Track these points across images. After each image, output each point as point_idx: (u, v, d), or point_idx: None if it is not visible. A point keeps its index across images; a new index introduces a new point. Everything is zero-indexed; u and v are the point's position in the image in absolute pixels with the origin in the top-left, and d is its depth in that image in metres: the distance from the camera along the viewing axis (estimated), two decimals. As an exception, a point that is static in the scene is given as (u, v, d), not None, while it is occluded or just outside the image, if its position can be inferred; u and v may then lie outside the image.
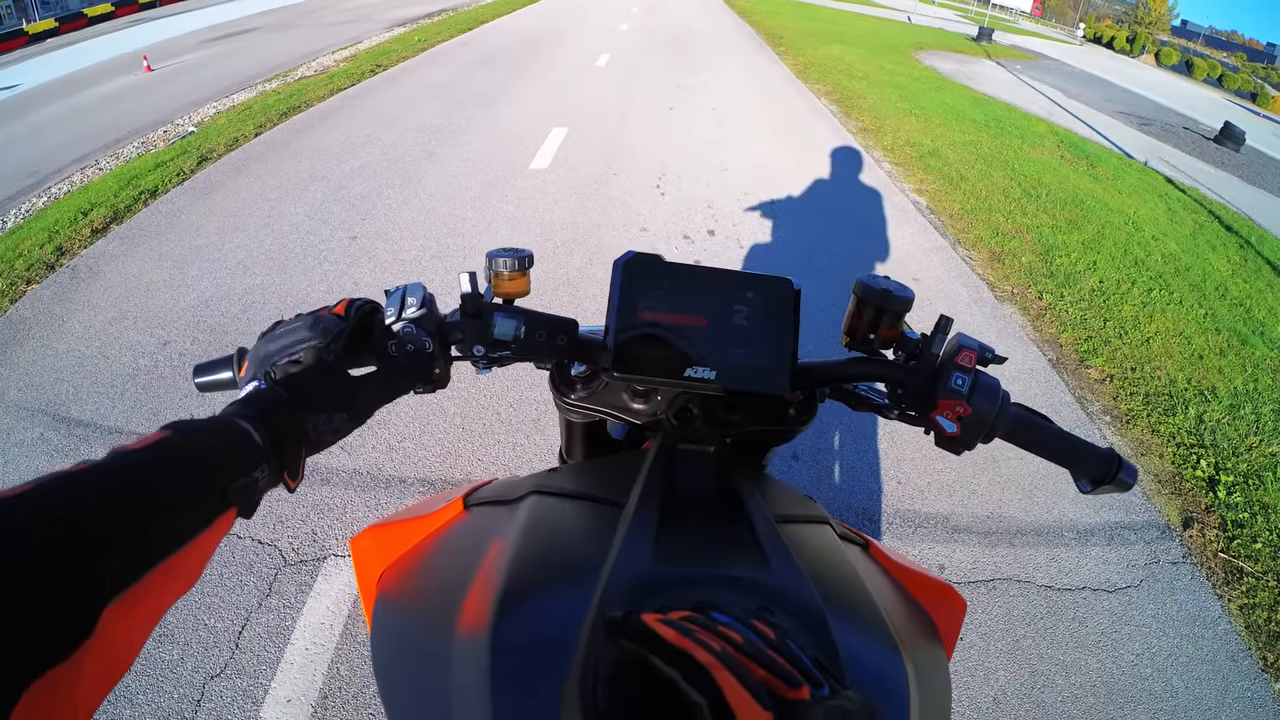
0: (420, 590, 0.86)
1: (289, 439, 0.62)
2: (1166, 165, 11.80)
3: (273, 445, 0.59)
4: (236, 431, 0.57)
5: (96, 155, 7.70)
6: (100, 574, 0.42)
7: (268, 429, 0.59)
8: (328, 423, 0.67)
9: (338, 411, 0.68)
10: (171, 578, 0.48)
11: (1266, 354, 5.41)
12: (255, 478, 0.56)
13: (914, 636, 0.82)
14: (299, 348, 0.69)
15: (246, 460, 0.56)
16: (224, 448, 0.55)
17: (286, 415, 0.63)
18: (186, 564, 0.49)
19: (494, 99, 9.66)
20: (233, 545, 2.77)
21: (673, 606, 0.56)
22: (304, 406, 0.65)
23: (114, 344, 3.93)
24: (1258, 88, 39.00)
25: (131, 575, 0.44)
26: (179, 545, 0.48)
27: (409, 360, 0.77)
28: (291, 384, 0.66)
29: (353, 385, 0.71)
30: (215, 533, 0.52)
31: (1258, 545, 3.45)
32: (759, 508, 0.76)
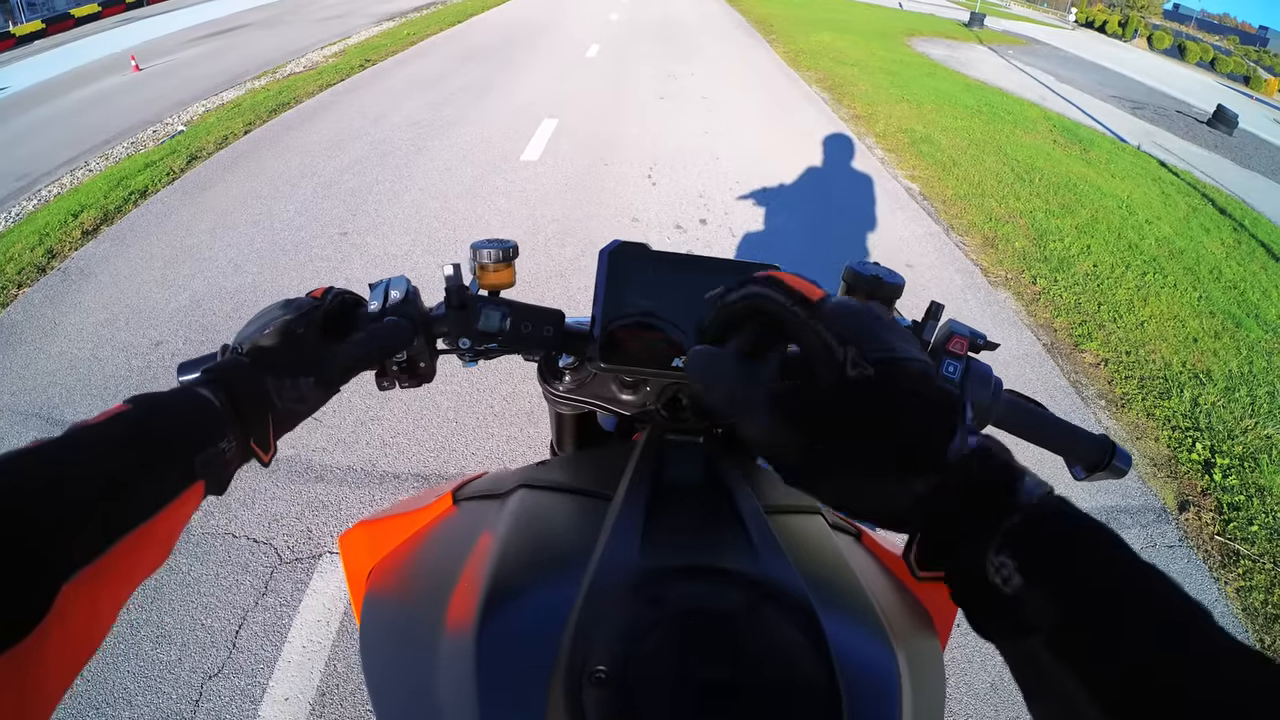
0: (409, 587, 0.86)
1: (251, 405, 0.60)
2: (1160, 149, 11.80)
3: (235, 412, 0.58)
4: (196, 400, 0.55)
5: (86, 156, 7.68)
6: (55, 550, 0.41)
7: (229, 395, 0.58)
8: (293, 388, 0.65)
9: (304, 375, 0.66)
10: (137, 553, 0.47)
11: (1261, 336, 5.41)
12: (221, 448, 0.55)
13: (906, 627, 0.81)
14: (270, 324, 0.67)
15: (210, 430, 0.54)
16: (185, 418, 0.54)
17: (247, 380, 0.61)
18: (153, 539, 0.48)
19: (484, 91, 9.63)
20: (228, 544, 2.76)
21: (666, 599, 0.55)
22: (267, 371, 0.63)
23: (106, 345, 3.91)
24: (1250, 71, 39.02)
25: (92, 551, 0.43)
26: (142, 519, 0.46)
27: (389, 330, 0.74)
28: (254, 352, 0.65)
29: (319, 348, 0.69)
30: (182, 507, 0.51)
31: (1254, 528, 3.45)
32: (748, 498, 0.75)
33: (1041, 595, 0.36)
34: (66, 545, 0.42)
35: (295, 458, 3.17)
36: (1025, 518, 0.39)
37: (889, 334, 0.44)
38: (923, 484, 0.41)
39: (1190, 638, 0.34)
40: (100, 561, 0.43)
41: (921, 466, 0.41)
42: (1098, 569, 0.36)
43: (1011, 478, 0.41)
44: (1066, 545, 0.38)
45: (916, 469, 0.41)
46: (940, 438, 0.41)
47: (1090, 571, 0.36)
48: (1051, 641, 0.36)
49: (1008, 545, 0.38)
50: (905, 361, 0.43)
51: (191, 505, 0.52)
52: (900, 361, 0.42)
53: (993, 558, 0.38)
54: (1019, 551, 0.38)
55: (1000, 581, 0.38)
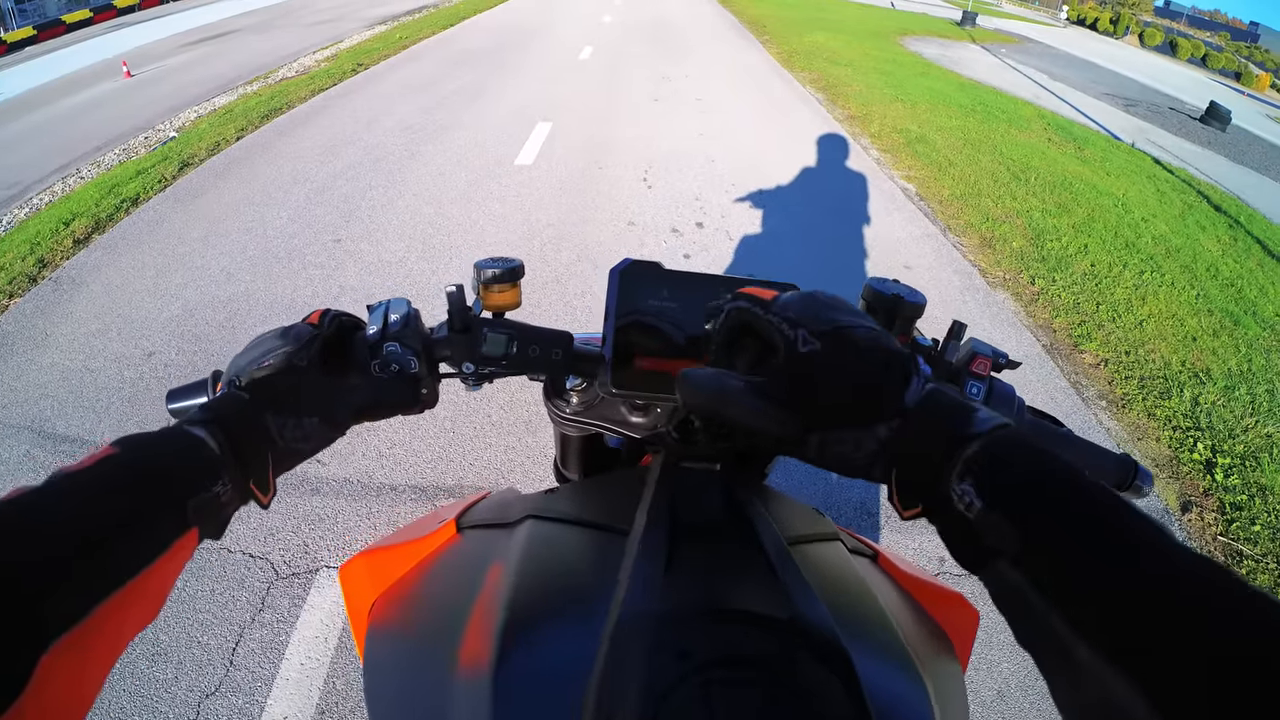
0: (415, 621, 0.83)
1: (250, 445, 0.56)
2: (1154, 146, 11.81)
3: (232, 453, 0.54)
4: (190, 441, 0.51)
5: (78, 163, 7.64)
6: (34, 618, 0.37)
7: (225, 435, 0.54)
8: (297, 427, 0.62)
9: (308, 415, 0.63)
10: (125, 611, 0.43)
11: (1259, 334, 5.41)
12: (216, 492, 0.51)
13: (930, 654, 0.80)
14: (269, 356, 0.63)
15: (204, 473, 0.50)
16: (177, 460, 0.50)
17: (246, 418, 0.57)
18: (143, 594, 0.44)
19: (477, 95, 9.60)
20: (224, 560, 2.73)
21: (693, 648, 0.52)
22: (268, 409, 0.60)
23: (98, 356, 3.88)
24: (1241, 67, 39.15)
25: (75, 614, 0.39)
26: (131, 575, 0.43)
27: (394, 382, 0.72)
28: (254, 387, 0.61)
29: (327, 388, 0.66)
30: (175, 557, 0.47)
31: (1256, 528, 3.44)
32: (770, 530, 0.72)
33: (1000, 517, 0.40)
34: (47, 610, 0.38)
35: (290, 471, 3.13)
36: (981, 446, 0.43)
37: (834, 312, 0.52)
38: (886, 429, 0.48)
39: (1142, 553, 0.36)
40: (83, 625, 0.39)
41: (882, 413, 0.48)
42: (1051, 491, 0.40)
43: (965, 412, 0.46)
44: (1019, 468, 0.42)
45: (878, 415, 0.48)
46: (894, 387, 0.49)
47: (1044, 493, 0.40)
48: (1018, 562, 0.39)
49: (968, 473, 0.43)
50: (850, 329, 0.51)
51: (185, 554, 0.48)
52: (844, 329, 0.51)
53: (955, 486, 0.43)
54: (977, 477, 0.43)
55: (964, 508, 0.43)
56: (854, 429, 0.49)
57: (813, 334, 0.50)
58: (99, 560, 0.41)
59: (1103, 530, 0.37)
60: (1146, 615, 0.34)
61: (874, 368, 0.49)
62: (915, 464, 0.47)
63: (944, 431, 0.46)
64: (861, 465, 0.50)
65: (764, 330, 0.54)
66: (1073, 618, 0.36)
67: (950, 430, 0.45)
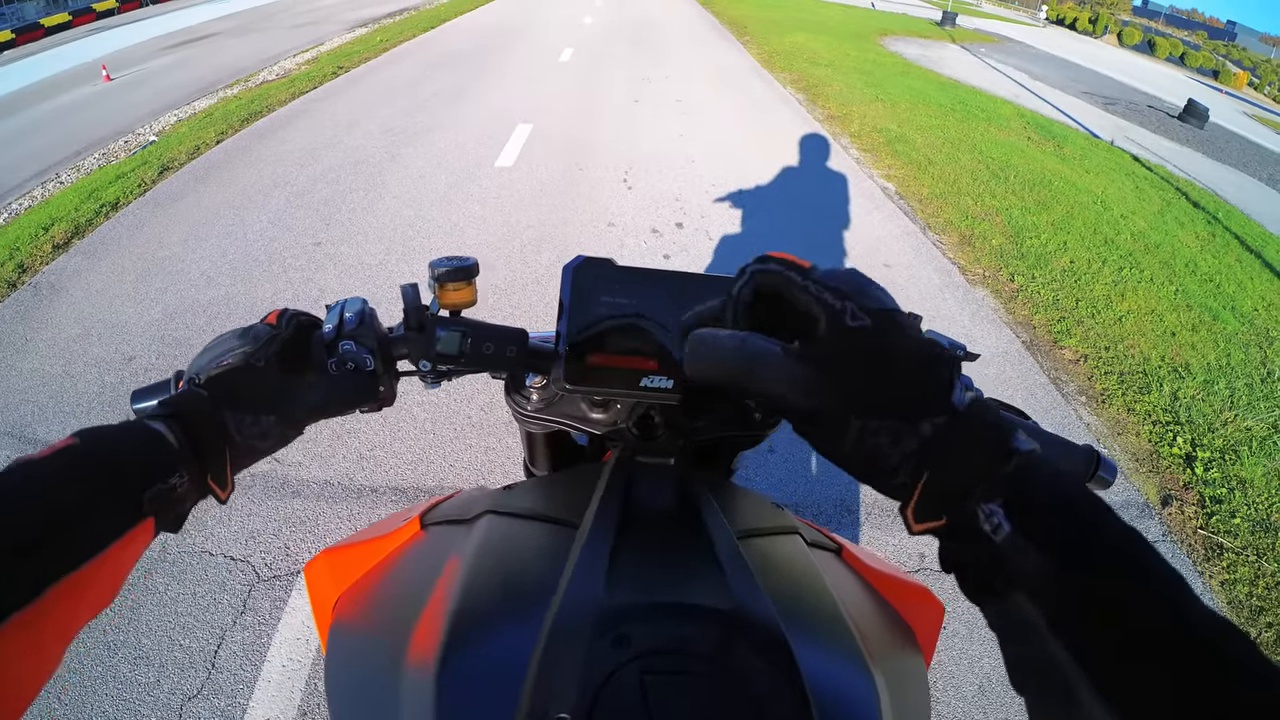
0: (374, 617, 0.83)
1: (208, 440, 0.57)
2: (1132, 144, 11.90)
3: (189, 446, 0.55)
4: (148, 434, 0.53)
5: (57, 168, 7.59)
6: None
7: (183, 430, 0.55)
8: (254, 425, 0.63)
9: (265, 413, 0.64)
10: (80, 593, 0.44)
11: (1237, 328, 5.46)
12: (173, 484, 0.52)
13: (887, 647, 0.80)
14: (228, 355, 0.64)
15: (161, 465, 0.52)
16: (134, 452, 0.51)
17: (204, 415, 0.58)
18: (97, 579, 0.45)
19: (457, 98, 9.59)
20: (205, 562, 2.72)
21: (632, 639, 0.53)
22: (226, 405, 0.61)
23: (79, 361, 3.85)
24: (1219, 65, 39.52)
25: (27, 594, 0.40)
26: (85, 559, 0.44)
27: (350, 379, 0.73)
28: (213, 384, 0.62)
29: (285, 388, 0.67)
30: (131, 544, 0.48)
31: (1236, 520, 3.47)
32: (720, 525, 0.73)
33: (1028, 545, 0.38)
34: (4, 587, 0.39)
35: (271, 473, 3.13)
36: (1017, 467, 0.41)
37: (878, 291, 0.47)
38: (930, 426, 0.44)
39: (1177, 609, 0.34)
40: (35, 605, 0.41)
41: (931, 408, 0.44)
42: (1084, 528, 0.38)
43: (1008, 427, 0.43)
44: (1053, 499, 0.39)
45: (926, 410, 0.44)
46: (943, 382, 0.45)
47: (1077, 529, 0.38)
48: (1037, 597, 0.37)
49: (999, 492, 0.40)
50: (898, 313, 0.46)
51: (140, 544, 0.50)
52: (894, 313, 0.46)
53: (984, 505, 0.40)
54: (1010, 500, 0.40)
55: (990, 529, 0.40)
56: (897, 420, 0.44)
57: (862, 309, 0.45)
58: (53, 544, 0.42)
59: (1133, 578, 0.36)
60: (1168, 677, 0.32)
61: (925, 358, 0.45)
62: (950, 472, 0.43)
63: (987, 442, 0.42)
64: (892, 465, 0.45)
65: (799, 300, 0.48)
66: (1087, 664, 0.34)
67: (993, 442, 0.42)
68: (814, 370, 0.45)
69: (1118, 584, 0.35)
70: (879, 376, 0.45)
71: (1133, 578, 0.35)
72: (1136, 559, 0.36)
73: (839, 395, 0.45)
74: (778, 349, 0.47)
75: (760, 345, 0.47)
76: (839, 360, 0.45)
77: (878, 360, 0.45)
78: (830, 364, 0.45)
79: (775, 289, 0.50)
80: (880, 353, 0.45)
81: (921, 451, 0.44)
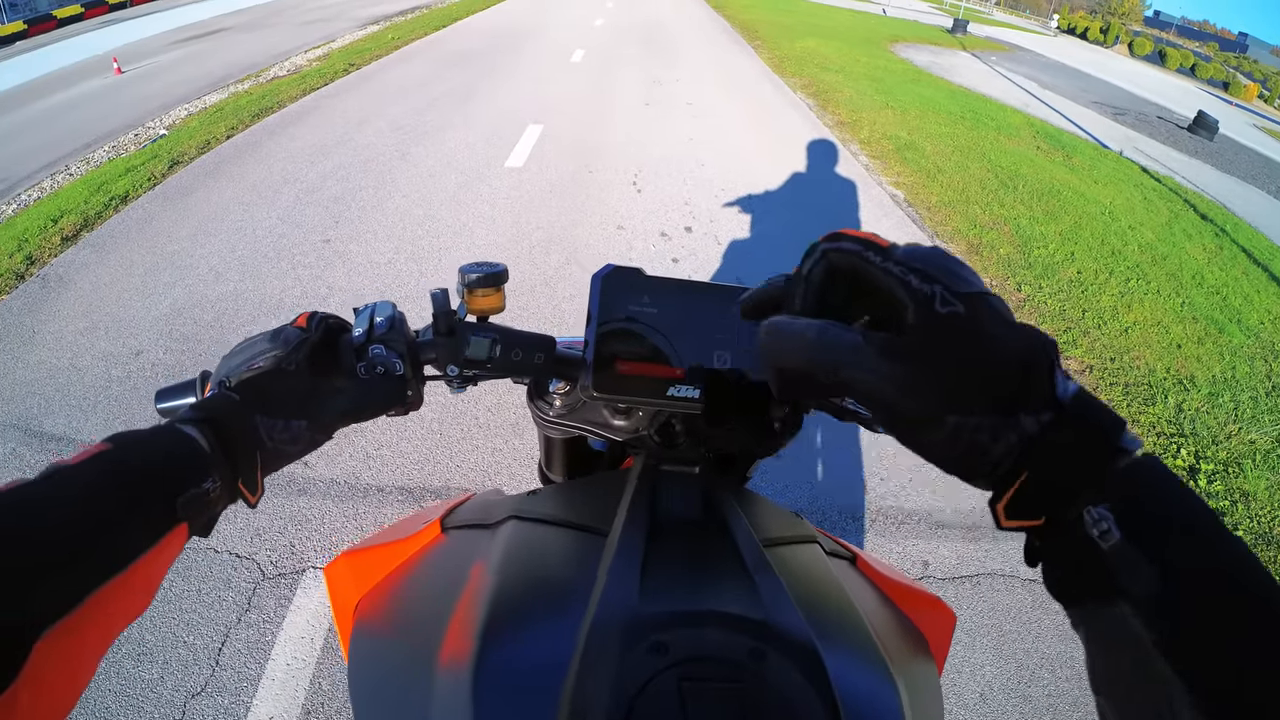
0: (399, 619, 0.84)
1: (240, 445, 0.58)
2: (1141, 155, 11.89)
3: (222, 452, 0.55)
4: (181, 439, 0.53)
5: (67, 160, 7.60)
6: (27, 605, 0.39)
7: (216, 434, 0.55)
8: (285, 430, 0.63)
9: (296, 418, 0.64)
10: (117, 601, 0.45)
11: (1243, 341, 5.45)
12: (205, 489, 0.52)
13: (905, 655, 0.81)
14: (259, 359, 0.65)
15: (194, 470, 0.52)
16: (168, 457, 0.51)
17: (237, 419, 0.58)
18: (133, 586, 0.46)
19: (468, 97, 9.60)
20: (210, 560, 2.73)
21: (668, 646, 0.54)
22: (258, 410, 0.61)
23: (86, 354, 3.87)
24: (1230, 77, 39.45)
25: (67, 602, 0.41)
26: (122, 566, 0.44)
27: (380, 384, 0.73)
28: (245, 388, 0.62)
29: (316, 392, 0.67)
30: (164, 551, 0.49)
31: (1239, 533, 3.45)
32: (745, 533, 0.74)
33: (1139, 556, 0.35)
34: (41, 598, 0.40)
35: (278, 471, 3.13)
36: (1129, 468, 0.38)
37: (968, 272, 0.43)
38: (1034, 422, 0.40)
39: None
40: (77, 613, 0.41)
41: (1035, 402, 0.40)
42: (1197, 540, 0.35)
43: (1118, 424, 0.40)
44: (1166, 505, 0.37)
45: (1030, 404, 0.40)
46: (1044, 373, 0.40)
47: (1190, 541, 0.35)
48: (1143, 610, 0.35)
49: (1110, 496, 0.37)
50: (991, 297, 0.42)
51: (174, 549, 0.50)
52: (987, 295, 0.41)
53: (1091, 509, 0.37)
54: (1120, 504, 0.37)
55: (1097, 535, 0.37)
56: (998, 416, 0.40)
57: (952, 293, 0.41)
58: (91, 551, 0.43)
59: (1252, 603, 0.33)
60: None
61: (1025, 346, 0.41)
62: (1057, 469, 0.39)
63: (1096, 440, 0.39)
64: (990, 461, 0.41)
65: (880, 282, 0.44)
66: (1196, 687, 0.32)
67: (1102, 440, 0.39)
68: (904, 364, 0.41)
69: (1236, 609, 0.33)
70: (976, 368, 0.40)
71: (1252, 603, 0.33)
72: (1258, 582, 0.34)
73: (933, 390, 0.41)
74: (860, 340, 0.42)
75: (843, 336, 0.43)
76: (931, 351, 0.41)
77: (974, 350, 0.40)
78: (922, 356, 0.41)
79: (852, 269, 0.45)
80: (976, 342, 0.40)
81: (1023, 448, 0.40)
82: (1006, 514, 0.41)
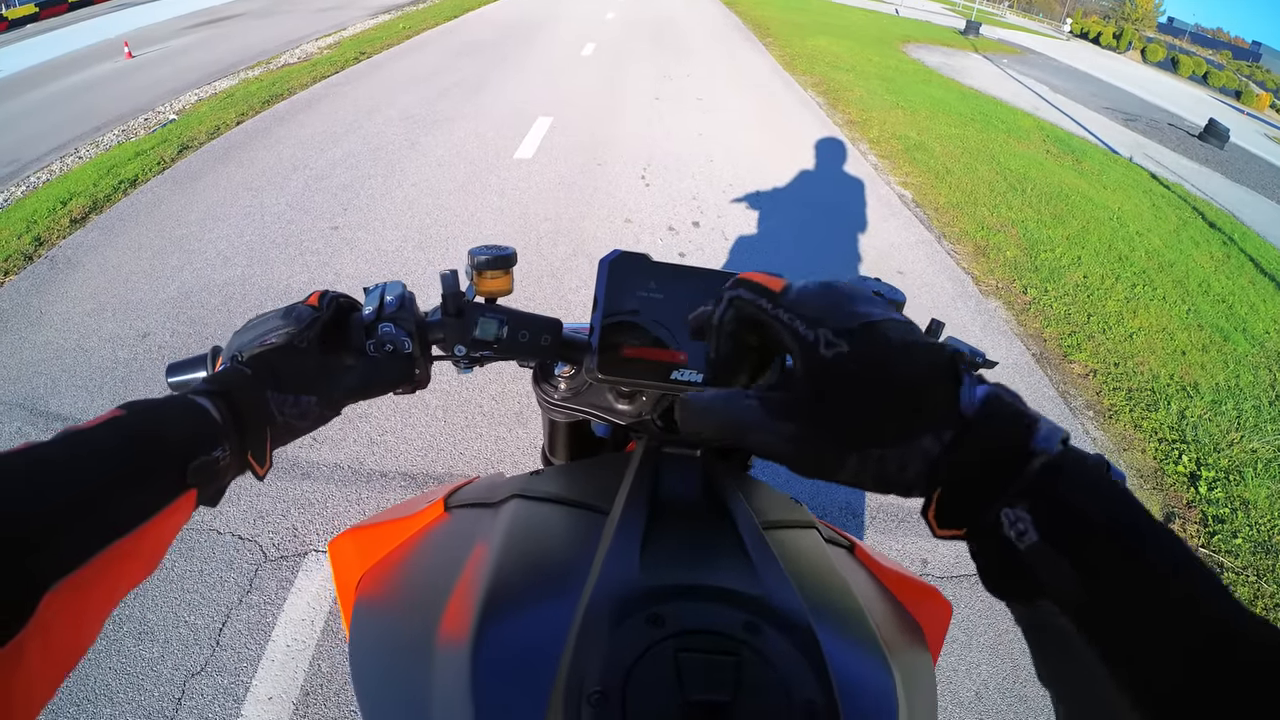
0: (401, 595, 0.85)
1: (251, 417, 0.59)
2: (1151, 161, 11.86)
3: (234, 424, 0.57)
4: (194, 409, 0.55)
5: (76, 143, 7.62)
6: (39, 557, 0.40)
7: (227, 405, 0.57)
8: (295, 405, 0.64)
9: (306, 394, 0.65)
10: (125, 561, 0.46)
11: (1248, 350, 5.44)
12: (215, 457, 0.53)
13: (901, 642, 0.82)
14: (271, 335, 0.66)
15: (205, 439, 0.53)
16: (179, 425, 0.52)
17: (248, 392, 0.60)
18: (142, 547, 0.47)
19: (478, 87, 9.60)
20: (213, 541, 2.74)
21: (664, 619, 0.55)
22: (269, 385, 0.62)
23: (93, 336, 3.88)
24: (1242, 85, 39.36)
25: (77, 558, 0.42)
26: (131, 527, 0.45)
27: (389, 361, 0.75)
28: (256, 363, 0.63)
29: (326, 369, 0.69)
30: (173, 515, 0.50)
31: (1238, 541, 3.47)
32: (745, 514, 0.75)
33: (1057, 554, 0.35)
34: (51, 552, 0.40)
35: (281, 454, 3.15)
36: (1041, 470, 0.37)
37: (858, 304, 0.44)
38: (936, 442, 0.40)
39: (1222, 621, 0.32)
40: (85, 569, 0.42)
41: (934, 422, 0.40)
42: (1118, 534, 0.35)
43: (1028, 423, 0.39)
44: (1086, 502, 0.36)
45: (928, 425, 0.40)
46: (946, 389, 0.41)
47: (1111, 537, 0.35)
48: (1067, 608, 0.35)
49: (1025, 496, 0.37)
50: (881, 324, 0.43)
51: (183, 515, 0.51)
52: (875, 325, 0.42)
53: (1009, 511, 0.37)
54: (1035, 506, 0.37)
55: (1015, 536, 0.37)
56: (898, 444, 0.41)
57: (837, 333, 0.42)
58: (100, 511, 0.44)
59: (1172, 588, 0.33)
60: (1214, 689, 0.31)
61: (917, 370, 0.41)
62: (966, 482, 0.40)
63: (1004, 444, 0.39)
64: (904, 485, 0.42)
65: (773, 330, 0.46)
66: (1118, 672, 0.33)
67: (1011, 443, 0.39)
68: (795, 419, 0.43)
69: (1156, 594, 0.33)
70: (868, 404, 0.41)
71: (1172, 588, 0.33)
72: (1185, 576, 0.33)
73: (827, 440, 0.42)
74: (757, 404, 0.44)
75: (742, 403, 0.45)
76: (820, 401, 0.42)
77: (863, 386, 0.41)
78: (810, 410, 0.42)
79: (752, 318, 0.48)
80: (864, 378, 0.41)
81: (930, 468, 0.41)
82: (937, 524, 0.41)
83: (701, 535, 0.74)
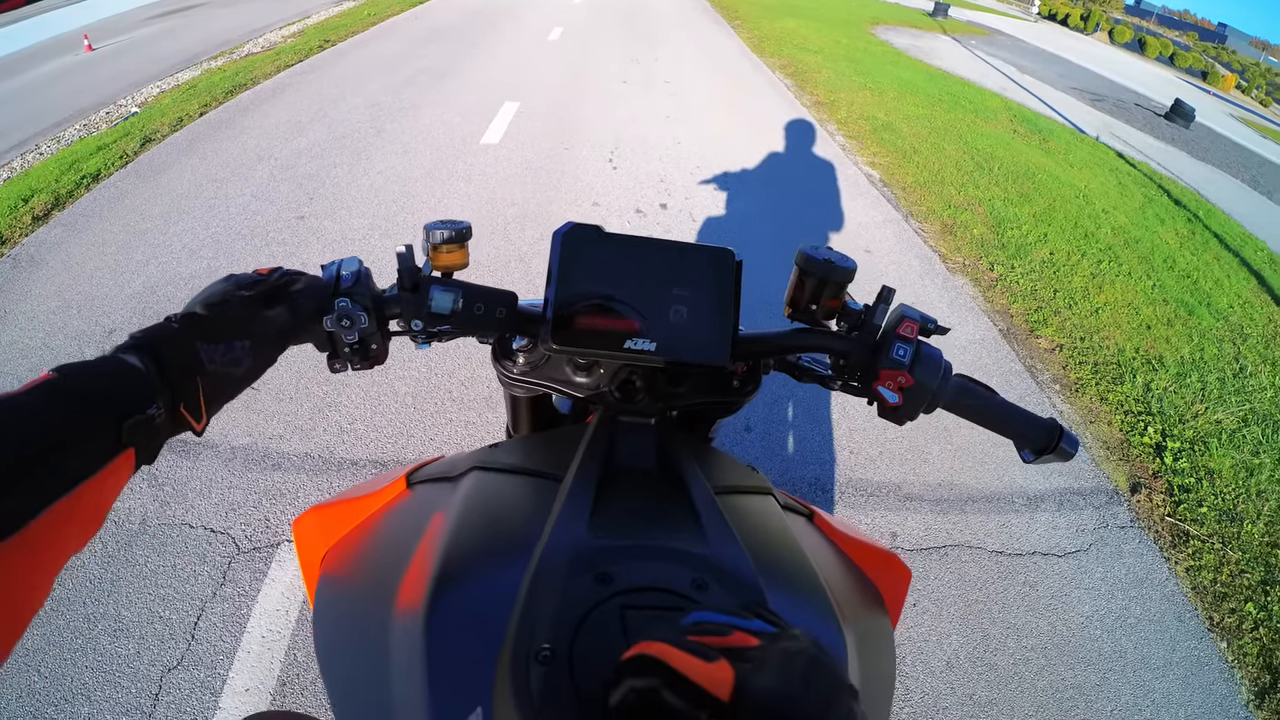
0: (361, 570, 0.86)
1: (179, 369, 0.59)
2: (1118, 140, 11.96)
3: (161, 376, 0.57)
4: (121, 366, 0.55)
5: (37, 139, 7.47)
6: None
7: (154, 359, 0.56)
8: (227, 351, 0.64)
9: (238, 339, 0.65)
10: (65, 523, 0.46)
11: (1212, 324, 5.53)
12: (150, 414, 0.54)
13: (856, 606, 0.83)
14: (210, 295, 0.67)
15: (136, 396, 0.54)
16: (109, 383, 0.53)
17: (175, 345, 0.59)
18: (81, 509, 0.48)
19: (444, 74, 9.51)
20: (185, 535, 2.73)
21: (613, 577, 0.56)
22: (198, 336, 0.62)
23: (58, 334, 3.83)
24: (1208, 66, 39.66)
25: (14, 522, 0.42)
26: (68, 488, 0.46)
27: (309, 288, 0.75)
28: (186, 318, 0.63)
29: (256, 314, 0.68)
30: (112, 476, 0.50)
31: (1203, 509, 3.54)
32: (698, 479, 0.76)
33: None
34: None
35: (252, 445, 3.14)
36: None
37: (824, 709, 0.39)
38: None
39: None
40: (24, 532, 0.43)
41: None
42: None
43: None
44: None
45: None
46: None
47: None
48: None
49: None
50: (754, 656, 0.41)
51: (122, 475, 0.52)
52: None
53: None
54: None
55: None
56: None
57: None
58: (37, 474, 0.45)
59: None
60: None
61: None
62: None
63: None
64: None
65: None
66: None
67: None
68: None
69: None
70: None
71: None
72: None
73: None
74: None
75: None
76: None
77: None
78: None
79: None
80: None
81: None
82: None
83: (653, 498, 0.75)
